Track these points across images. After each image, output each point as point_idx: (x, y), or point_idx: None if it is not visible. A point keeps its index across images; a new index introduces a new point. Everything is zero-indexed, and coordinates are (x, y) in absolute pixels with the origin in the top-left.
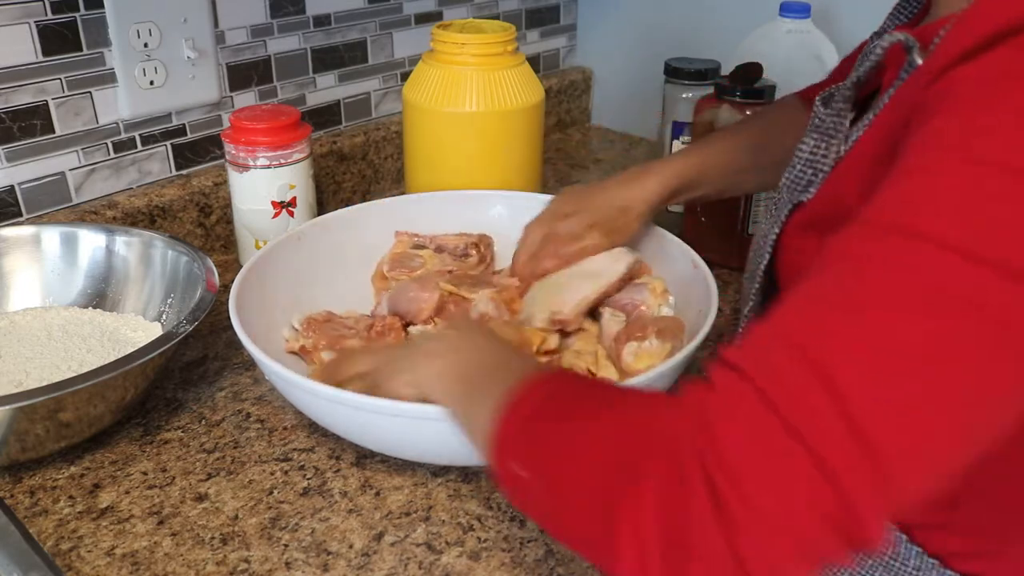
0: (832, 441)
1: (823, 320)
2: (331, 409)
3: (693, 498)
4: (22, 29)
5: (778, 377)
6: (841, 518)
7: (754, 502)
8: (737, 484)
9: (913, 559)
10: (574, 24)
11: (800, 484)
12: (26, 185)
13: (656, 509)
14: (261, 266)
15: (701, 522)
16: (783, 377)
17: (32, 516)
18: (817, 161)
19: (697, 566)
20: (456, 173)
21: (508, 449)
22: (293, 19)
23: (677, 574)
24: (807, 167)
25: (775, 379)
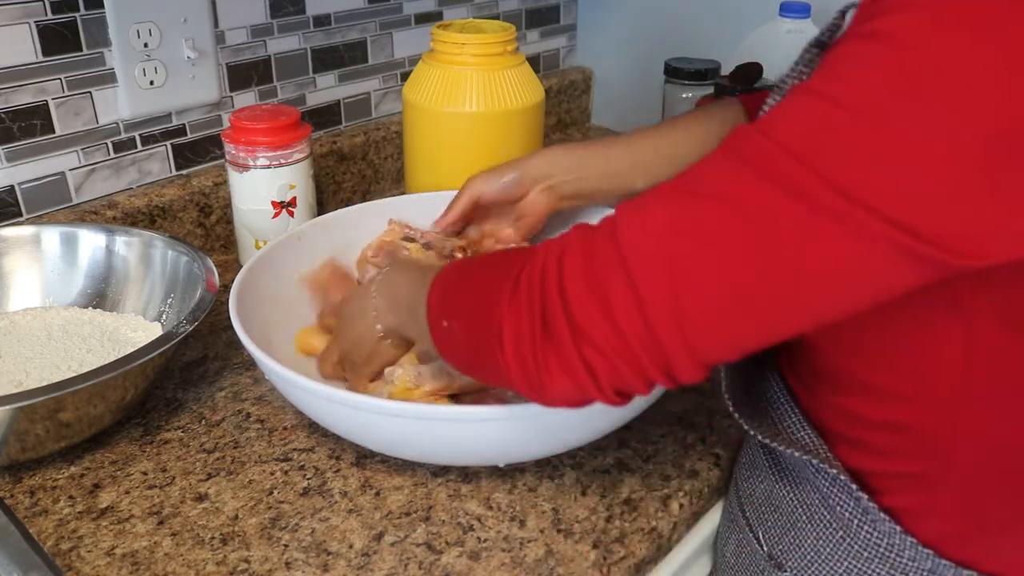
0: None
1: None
2: (331, 409)
3: (549, 295)
4: (22, 29)
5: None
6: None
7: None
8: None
9: (908, 549)
10: (574, 24)
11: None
12: (26, 185)
13: (526, 307)
14: (261, 266)
15: (553, 313)
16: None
17: (32, 516)
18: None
19: (552, 347)
20: (456, 173)
21: (434, 312)
22: (293, 19)
23: (542, 356)
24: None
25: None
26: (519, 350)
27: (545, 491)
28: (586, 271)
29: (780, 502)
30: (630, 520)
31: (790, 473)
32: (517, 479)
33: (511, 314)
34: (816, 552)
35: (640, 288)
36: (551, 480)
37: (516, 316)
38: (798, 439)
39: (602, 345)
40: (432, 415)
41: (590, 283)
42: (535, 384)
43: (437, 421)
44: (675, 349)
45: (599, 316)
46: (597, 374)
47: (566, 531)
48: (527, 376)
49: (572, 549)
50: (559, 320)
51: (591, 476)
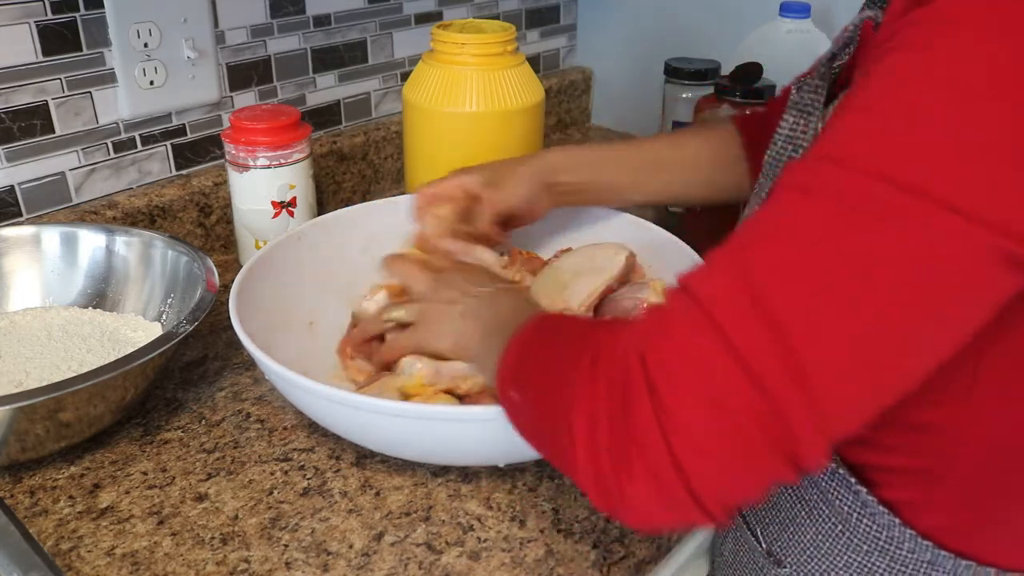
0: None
1: (758, 243)
2: (331, 409)
3: (636, 395)
4: (22, 29)
5: (718, 294)
6: (767, 421)
7: (683, 396)
8: (669, 380)
9: (907, 542)
10: (574, 24)
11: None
12: (26, 185)
13: (603, 395)
14: (261, 266)
15: (642, 417)
16: (722, 294)
17: (32, 516)
18: (796, 138)
19: (639, 460)
20: None
21: (505, 377)
22: (293, 19)
23: (622, 466)
24: (787, 144)
25: (715, 296)
26: (593, 452)
27: (545, 491)
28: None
29: (778, 498)
30: None
31: None
32: (517, 479)
33: (585, 406)
34: (815, 547)
35: (745, 355)
36: (551, 480)
37: (591, 409)
38: None
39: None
40: (432, 415)
41: (685, 366)
42: (612, 496)
43: (437, 421)
44: (804, 424)
45: (699, 405)
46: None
47: (566, 531)
48: (602, 486)
49: (572, 549)
50: (645, 417)
51: None
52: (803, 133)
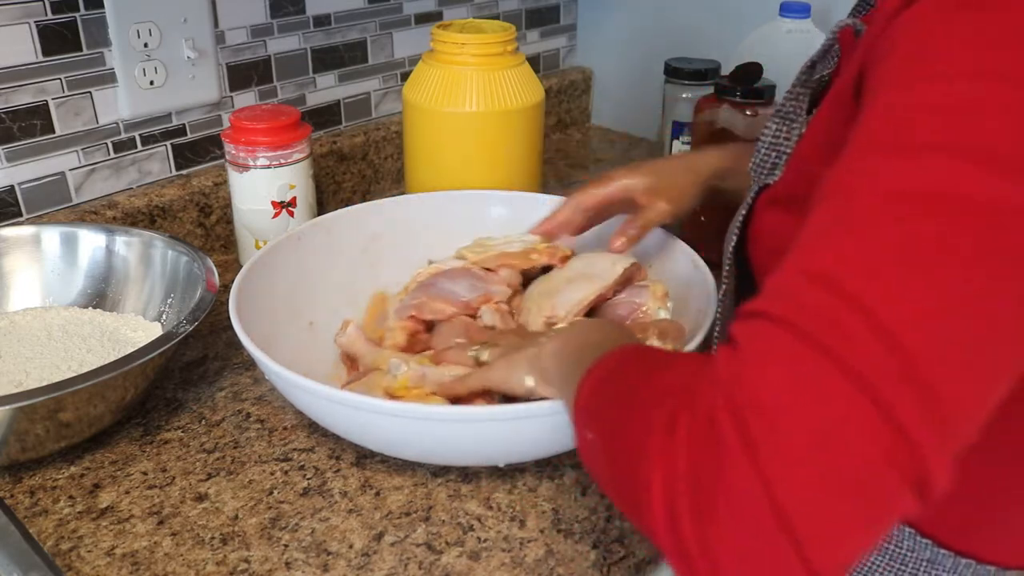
0: (867, 354)
1: (833, 246)
2: (331, 409)
3: (720, 436)
4: (22, 29)
5: (803, 306)
6: (889, 440)
7: (781, 426)
8: (763, 413)
9: (907, 540)
10: (574, 24)
11: (837, 403)
12: (26, 185)
13: (684, 454)
14: (261, 266)
15: (729, 457)
16: (807, 305)
17: (32, 516)
18: (780, 144)
19: (725, 502)
20: (456, 173)
21: (581, 415)
22: (293, 19)
23: (708, 524)
24: (771, 150)
25: (800, 309)
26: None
27: (545, 491)
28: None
29: None
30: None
31: None
32: (517, 479)
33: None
34: None
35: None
36: (551, 480)
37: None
38: None
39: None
40: (432, 415)
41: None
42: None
43: (437, 421)
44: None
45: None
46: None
47: (566, 531)
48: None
49: (572, 549)
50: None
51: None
52: (786, 140)
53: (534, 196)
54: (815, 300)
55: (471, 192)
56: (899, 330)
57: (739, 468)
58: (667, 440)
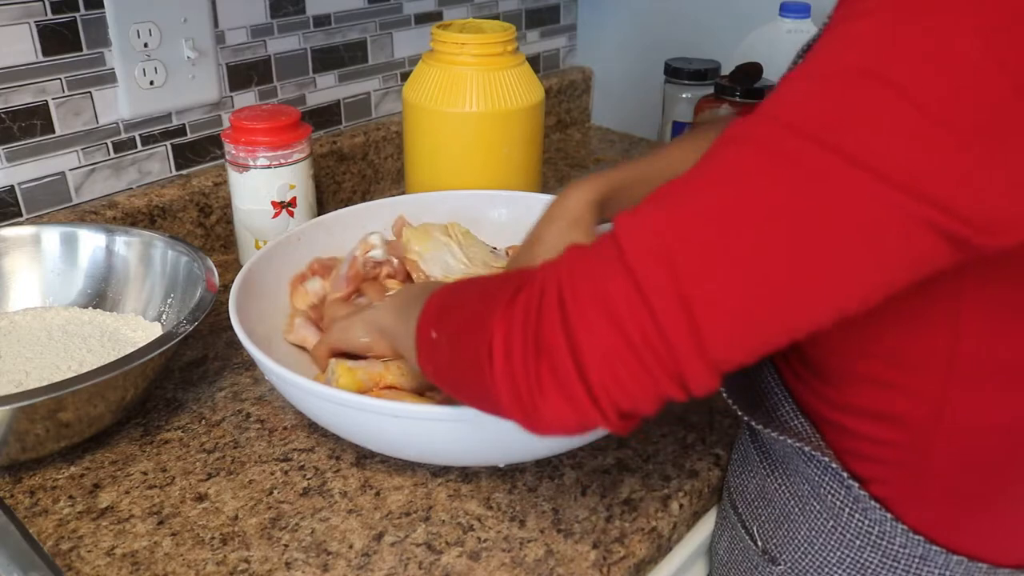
0: (652, 278)
1: (680, 184)
2: (331, 409)
3: (546, 307)
4: (22, 29)
5: (629, 228)
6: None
7: (589, 319)
8: (578, 302)
9: (899, 536)
10: (574, 24)
11: (624, 307)
12: (26, 185)
13: (520, 321)
14: (261, 266)
15: (550, 324)
16: (632, 228)
17: (32, 516)
18: None
19: (546, 362)
20: (456, 173)
21: (426, 319)
22: (293, 19)
23: (533, 375)
24: None
25: (627, 230)
26: (509, 364)
27: (545, 491)
28: (587, 278)
29: (772, 496)
30: (630, 520)
31: (781, 465)
32: (517, 479)
33: (503, 325)
34: (809, 543)
35: (644, 286)
36: (551, 480)
37: (508, 327)
38: (791, 427)
39: (603, 354)
40: (432, 415)
41: (591, 289)
42: (525, 404)
43: (437, 421)
44: (688, 350)
45: (600, 322)
46: (596, 389)
47: (566, 531)
48: (516, 394)
49: (572, 549)
50: (555, 330)
51: (591, 476)
52: None
53: (534, 196)
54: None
55: (471, 192)
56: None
57: (553, 325)
58: (507, 307)
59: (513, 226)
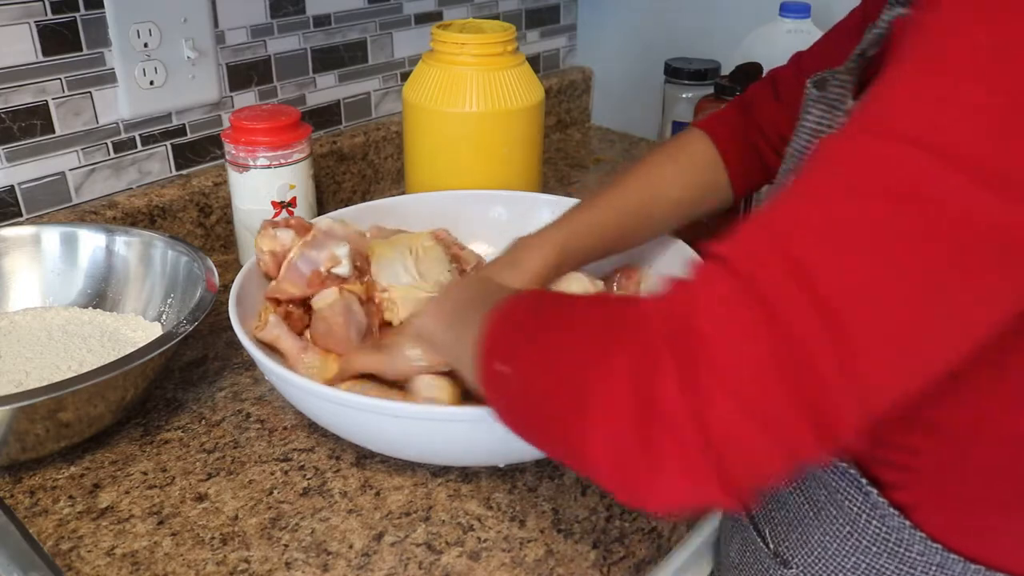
0: (797, 312)
1: (796, 210)
2: (331, 409)
3: (661, 365)
4: (22, 29)
5: (751, 259)
6: (802, 387)
7: (718, 366)
8: (703, 349)
9: (917, 544)
10: (574, 24)
11: (763, 350)
12: (26, 185)
13: (627, 379)
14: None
15: (667, 388)
16: (755, 258)
17: (32, 516)
18: (822, 131)
19: (666, 435)
20: (456, 173)
21: (492, 349)
22: (293, 19)
23: (646, 444)
24: (812, 137)
25: (748, 260)
26: (614, 431)
27: (545, 491)
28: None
29: (786, 498)
30: (630, 520)
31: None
32: (517, 479)
33: (603, 382)
34: (823, 548)
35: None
36: (551, 480)
37: (611, 385)
38: None
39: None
40: (432, 415)
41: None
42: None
43: (437, 421)
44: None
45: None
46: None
47: (566, 531)
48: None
49: (572, 549)
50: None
51: None
52: (828, 127)
53: (534, 196)
54: (762, 254)
55: (471, 192)
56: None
57: (677, 402)
58: (606, 360)
59: (513, 226)
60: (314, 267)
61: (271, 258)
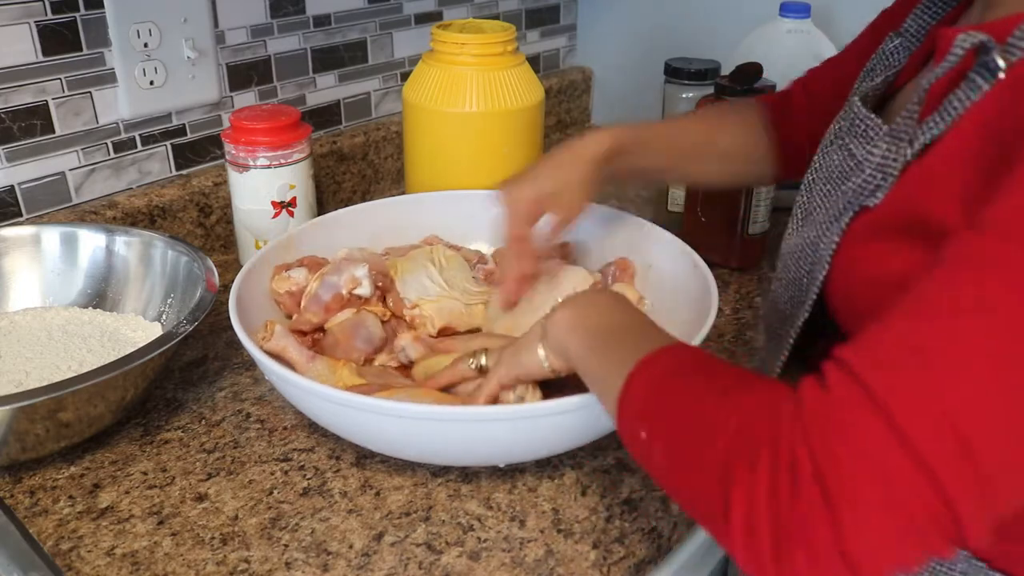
0: (940, 453)
1: (940, 327)
2: (331, 409)
3: (803, 491)
4: (22, 29)
5: (890, 383)
6: (943, 524)
7: (861, 503)
8: (846, 483)
9: (960, 563)
10: (574, 24)
11: (905, 489)
12: (26, 185)
13: (768, 497)
14: (261, 266)
15: (810, 515)
16: (895, 383)
17: (32, 516)
18: (888, 166)
19: (803, 554)
20: (456, 173)
21: (633, 410)
22: (293, 19)
23: (785, 558)
24: (877, 172)
25: (887, 385)
26: (751, 526)
27: (545, 491)
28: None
29: None
30: (630, 520)
31: None
32: (517, 479)
33: (744, 493)
34: None
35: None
36: (551, 480)
37: (751, 499)
38: None
39: (877, 535)
40: (432, 415)
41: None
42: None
43: (437, 421)
44: (970, 509)
45: (872, 498)
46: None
47: (566, 531)
48: (758, 561)
49: (572, 549)
50: (815, 513)
51: (591, 476)
52: (894, 161)
53: None
54: (905, 381)
55: (471, 192)
56: (968, 426)
57: (817, 518)
58: (748, 476)
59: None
60: (335, 291)
61: (289, 298)
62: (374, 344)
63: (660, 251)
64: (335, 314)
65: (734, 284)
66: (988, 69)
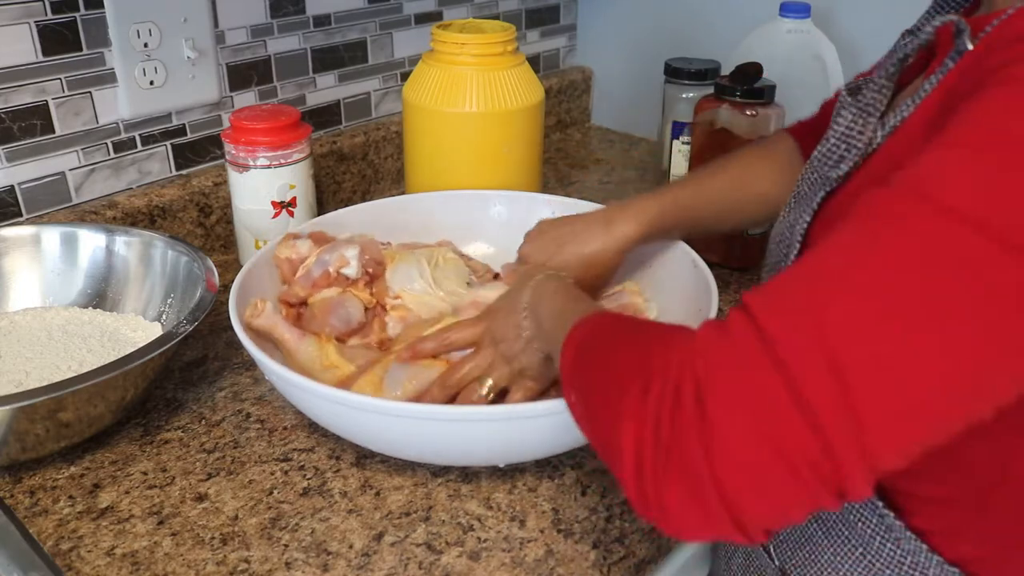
0: (814, 381)
1: (832, 271)
2: (331, 409)
3: (683, 415)
4: (22, 29)
5: (778, 318)
6: (814, 453)
7: (733, 424)
8: (721, 405)
9: (933, 568)
10: (574, 24)
11: (777, 413)
12: (26, 185)
13: (652, 419)
14: (261, 266)
15: (685, 435)
16: (782, 318)
17: (32, 516)
18: (852, 136)
19: (678, 474)
20: (456, 173)
21: (565, 379)
22: (293, 19)
23: (662, 479)
24: (840, 142)
25: (775, 319)
26: (637, 452)
27: (545, 491)
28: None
29: None
30: (630, 520)
31: None
32: (517, 479)
33: (633, 424)
34: (833, 568)
35: (806, 392)
36: (551, 480)
37: (639, 428)
38: None
39: (748, 464)
40: (432, 415)
41: (735, 387)
42: (649, 497)
43: (437, 421)
44: (854, 463)
45: (746, 428)
46: (734, 503)
47: (566, 531)
48: (641, 484)
49: (572, 549)
50: (690, 433)
51: (591, 476)
52: (859, 133)
53: (534, 196)
54: (790, 314)
55: (471, 192)
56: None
57: (693, 450)
58: (640, 401)
59: (513, 226)
60: (325, 269)
61: (287, 265)
62: (350, 325)
63: (660, 251)
64: (320, 290)
65: (734, 284)
66: (959, 52)
